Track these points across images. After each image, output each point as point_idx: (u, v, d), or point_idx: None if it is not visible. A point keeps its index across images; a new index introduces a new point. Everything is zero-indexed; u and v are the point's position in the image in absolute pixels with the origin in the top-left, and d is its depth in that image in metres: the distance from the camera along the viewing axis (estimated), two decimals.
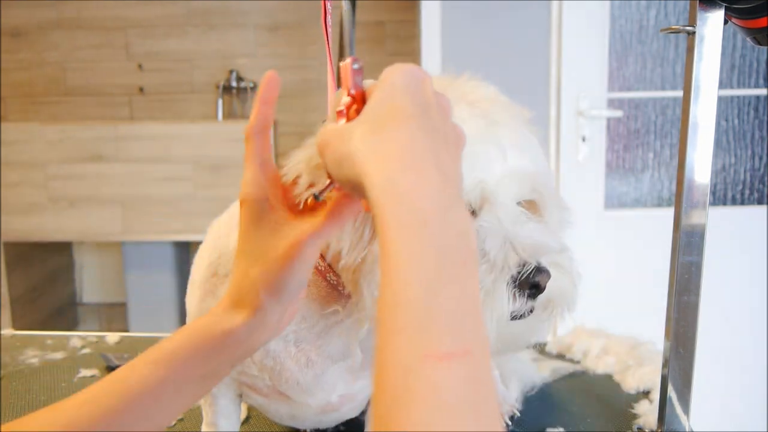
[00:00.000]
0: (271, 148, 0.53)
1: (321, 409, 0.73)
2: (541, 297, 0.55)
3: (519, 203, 0.57)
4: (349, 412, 0.80)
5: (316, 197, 0.49)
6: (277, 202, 0.51)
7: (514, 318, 0.55)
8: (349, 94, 0.46)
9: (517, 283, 0.53)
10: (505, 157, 0.56)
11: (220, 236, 0.69)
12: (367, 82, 0.47)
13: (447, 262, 0.35)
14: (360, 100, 0.46)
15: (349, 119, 0.46)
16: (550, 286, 0.55)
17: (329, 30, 0.60)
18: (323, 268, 0.61)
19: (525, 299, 0.54)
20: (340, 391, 0.71)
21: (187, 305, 0.73)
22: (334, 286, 0.61)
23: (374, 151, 0.39)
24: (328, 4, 0.60)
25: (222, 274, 0.68)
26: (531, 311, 0.56)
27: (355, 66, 0.47)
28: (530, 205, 0.59)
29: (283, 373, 0.67)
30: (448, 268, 0.35)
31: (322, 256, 0.60)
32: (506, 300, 0.53)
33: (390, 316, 0.34)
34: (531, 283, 0.53)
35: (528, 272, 0.53)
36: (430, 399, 0.31)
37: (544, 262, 0.54)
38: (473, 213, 0.56)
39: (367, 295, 0.54)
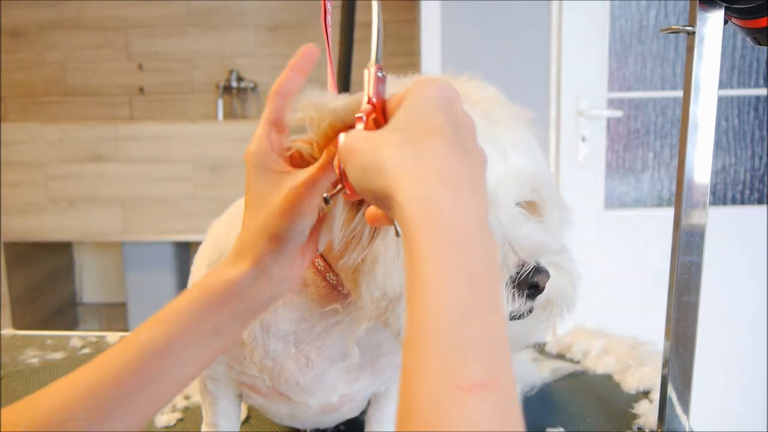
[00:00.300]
0: (285, 114, 0.53)
1: (321, 409, 0.73)
2: (540, 297, 0.55)
3: (519, 204, 0.57)
4: (349, 412, 0.80)
5: (326, 200, 0.49)
6: (280, 159, 0.52)
7: (513, 318, 0.55)
8: (369, 102, 0.46)
9: (516, 283, 0.53)
10: (506, 158, 0.56)
11: (221, 236, 0.70)
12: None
13: (480, 289, 0.34)
14: (380, 109, 0.46)
15: (367, 127, 0.45)
16: (550, 287, 0.55)
17: (329, 30, 0.60)
18: (323, 268, 0.61)
19: (524, 299, 0.54)
20: (341, 392, 0.71)
21: None
22: (334, 286, 0.61)
23: (409, 164, 0.38)
24: (328, 4, 0.60)
25: None
26: (530, 311, 0.56)
27: (380, 74, 0.46)
28: (530, 206, 0.59)
29: (283, 374, 0.67)
30: (480, 295, 0.34)
31: (322, 257, 0.60)
32: (505, 300, 0.53)
33: (420, 340, 0.33)
34: (530, 284, 0.53)
35: (527, 272, 0.53)
36: (466, 430, 0.31)
37: (544, 263, 0.54)
38: None
39: (366, 295, 0.54)
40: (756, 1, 0.64)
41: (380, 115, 0.46)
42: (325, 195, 0.49)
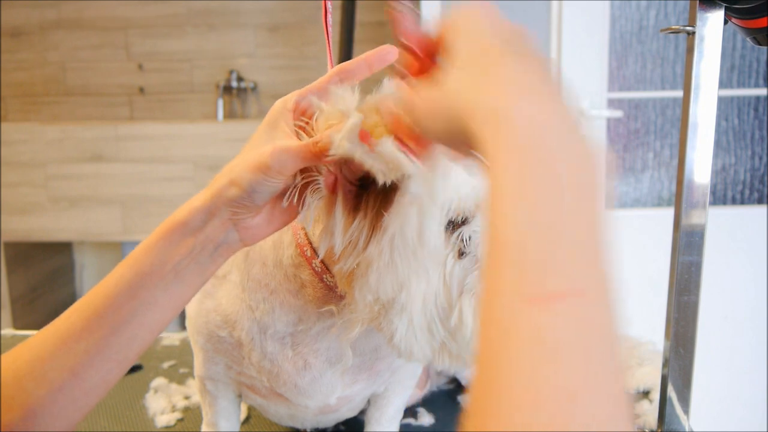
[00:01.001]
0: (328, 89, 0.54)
1: (319, 410, 0.73)
2: None
3: None
4: (348, 413, 0.80)
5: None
6: (292, 124, 0.53)
7: None
8: (405, 47, 0.42)
9: None
10: None
11: None
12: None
13: (562, 197, 0.31)
14: (424, 50, 0.42)
15: (419, 77, 0.42)
16: None
17: (329, 29, 0.61)
18: (320, 270, 0.61)
19: None
20: (338, 394, 0.71)
21: (186, 308, 0.73)
22: (331, 288, 0.61)
23: (482, 91, 0.36)
24: (329, 3, 0.60)
25: (220, 275, 0.68)
26: None
27: (407, 6, 0.43)
28: None
29: (281, 376, 0.67)
30: (564, 203, 0.31)
31: (321, 260, 0.60)
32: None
33: (491, 256, 0.31)
34: None
35: None
36: (534, 345, 0.28)
37: None
38: (465, 220, 0.56)
39: (359, 299, 0.54)
40: (756, 1, 0.64)
41: (427, 59, 0.43)
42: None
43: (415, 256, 0.51)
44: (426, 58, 0.44)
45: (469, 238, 0.55)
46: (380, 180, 0.47)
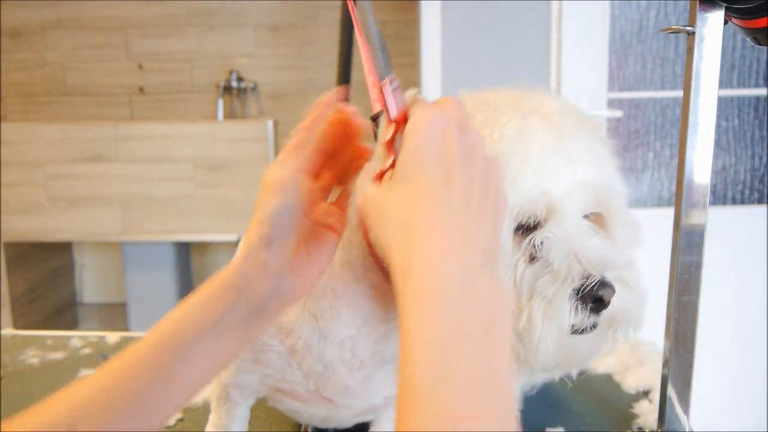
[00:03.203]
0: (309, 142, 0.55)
1: (363, 411, 0.72)
2: (605, 313, 0.54)
3: (586, 217, 0.57)
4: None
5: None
6: (307, 164, 0.54)
7: (575, 332, 0.54)
8: (391, 121, 0.45)
9: (579, 295, 0.52)
10: (574, 170, 0.55)
11: None
12: (410, 97, 0.47)
13: (460, 335, 0.38)
14: (402, 122, 0.46)
15: (396, 150, 0.45)
16: (615, 303, 0.54)
17: (359, 28, 0.60)
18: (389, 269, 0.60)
19: (587, 313, 0.53)
20: (386, 393, 0.70)
21: None
22: None
23: (399, 240, 0.42)
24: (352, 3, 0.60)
25: None
26: (594, 327, 0.55)
27: (392, 86, 0.46)
28: (598, 220, 0.58)
29: (332, 378, 0.66)
30: (461, 341, 0.38)
31: None
32: (567, 311, 0.52)
33: (405, 387, 0.38)
34: (594, 297, 0.52)
35: (592, 285, 0.52)
36: None
37: (609, 277, 0.53)
38: (538, 224, 0.56)
39: None
40: (756, 1, 0.64)
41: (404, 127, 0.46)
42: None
43: None
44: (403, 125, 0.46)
45: (541, 243, 0.55)
46: None
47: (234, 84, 3.05)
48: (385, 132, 0.46)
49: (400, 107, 0.46)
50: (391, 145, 0.45)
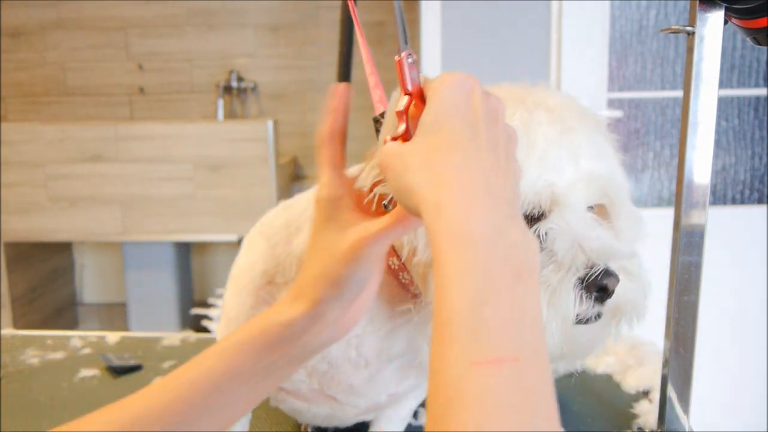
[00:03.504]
0: (344, 155, 0.53)
1: (367, 409, 0.72)
2: (609, 303, 0.54)
3: (590, 208, 0.57)
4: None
5: (385, 206, 0.50)
6: (349, 204, 0.52)
7: (579, 322, 0.54)
8: (406, 92, 0.46)
9: (584, 284, 0.53)
10: (578, 162, 0.56)
11: (279, 243, 0.68)
12: (422, 77, 0.48)
13: (495, 277, 0.37)
14: (418, 96, 0.46)
15: (409, 119, 0.46)
16: (619, 293, 0.54)
17: (359, 26, 0.61)
18: (396, 267, 0.60)
19: (592, 302, 0.53)
20: (390, 391, 0.70)
21: (228, 310, 0.71)
22: (405, 286, 0.61)
23: (428, 182, 0.41)
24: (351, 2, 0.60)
25: (280, 282, 0.66)
26: (598, 316, 0.55)
27: (410, 60, 0.47)
28: (601, 212, 0.59)
29: (336, 377, 0.66)
30: (495, 282, 0.37)
31: (397, 255, 0.60)
32: (572, 300, 0.53)
33: (441, 329, 0.37)
34: (598, 286, 0.53)
35: (596, 274, 0.52)
36: (480, 402, 0.33)
37: (613, 267, 0.54)
38: (542, 215, 0.56)
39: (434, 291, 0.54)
40: (756, 1, 0.64)
41: (420, 101, 0.46)
42: (384, 202, 0.50)
43: None
44: (421, 103, 0.47)
45: (545, 233, 0.55)
46: None
47: (234, 84, 3.05)
48: (398, 101, 0.47)
49: (415, 81, 0.47)
50: (404, 114, 0.46)
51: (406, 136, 0.46)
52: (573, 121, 0.58)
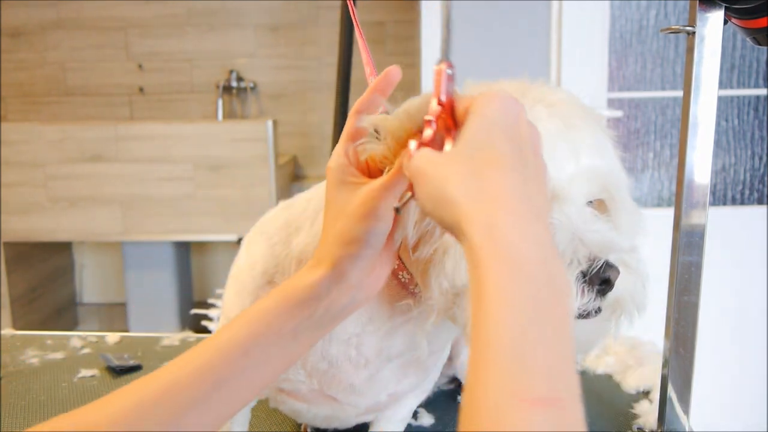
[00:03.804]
0: (365, 132, 0.54)
1: (367, 409, 0.72)
2: (609, 296, 0.54)
3: (590, 203, 0.58)
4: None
5: (397, 210, 0.50)
6: (358, 172, 0.54)
7: (580, 316, 0.55)
8: (439, 102, 0.46)
9: (587, 278, 0.53)
10: (578, 158, 0.56)
11: (278, 243, 0.68)
12: (458, 91, 0.48)
13: (542, 307, 0.37)
14: (449, 110, 0.46)
15: (436, 129, 0.46)
16: (619, 286, 0.54)
17: (358, 25, 0.61)
18: (396, 266, 0.61)
19: (594, 295, 0.54)
20: (390, 390, 0.70)
21: (228, 310, 0.71)
22: (405, 285, 0.61)
23: (474, 197, 0.41)
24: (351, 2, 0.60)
25: (280, 282, 0.66)
26: (598, 311, 0.55)
27: (449, 72, 0.47)
28: (601, 207, 0.59)
29: (336, 376, 0.66)
30: (542, 312, 0.36)
31: (398, 255, 0.60)
32: (575, 294, 0.53)
33: (483, 355, 0.36)
34: (601, 278, 0.53)
35: (598, 267, 0.53)
36: None
37: (612, 259, 0.54)
38: None
39: (435, 287, 0.54)
40: (756, 1, 0.64)
41: (449, 117, 0.46)
42: (396, 206, 0.50)
43: None
44: (452, 118, 0.47)
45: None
46: None
47: (234, 84, 3.05)
48: (423, 105, 0.47)
49: (450, 94, 0.47)
50: (434, 122, 0.46)
51: (432, 145, 0.45)
52: (574, 117, 0.58)
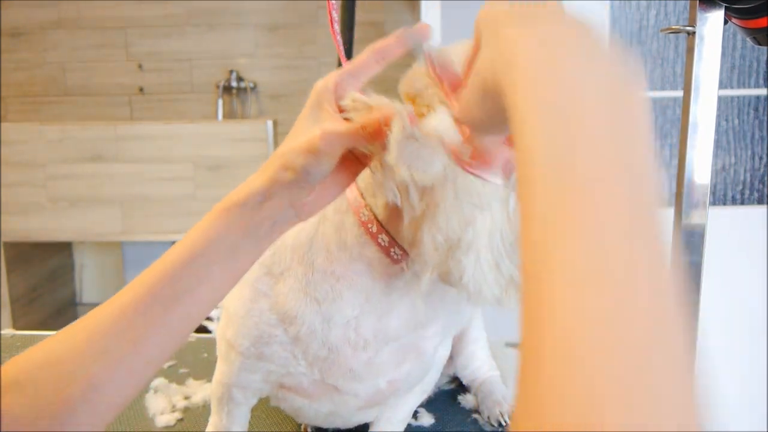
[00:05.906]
0: (368, 71, 0.55)
1: (367, 399, 0.72)
2: None
3: None
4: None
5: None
6: (335, 104, 0.55)
7: None
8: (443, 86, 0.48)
9: None
10: None
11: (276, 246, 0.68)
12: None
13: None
14: (455, 90, 0.47)
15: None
16: None
17: (336, 26, 0.61)
18: (387, 243, 0.61)
19: None
20: (389, 376, 0.70)
21: (227, 306, 0.71)
22: (397, 261, 0.62)
23: (502, 42, 0.35)
24: (333, 3, 0.60)
25: (276, 272, 0.66)
26: None
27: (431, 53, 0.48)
28: None
29: (336, 361, 0.66)
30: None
31: (386, 231, 0.61)
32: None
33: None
34: None
35: None
36: None
37: None
38: None
39: (428, 242, 0.55)
40: (756, 1, 0.64)
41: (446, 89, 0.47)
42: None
43: (477, 194, 0.52)
44: (455, 93, 0.47)
45: None
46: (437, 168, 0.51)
47: (234, 84, 3.05)
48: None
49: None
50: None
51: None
52: None
